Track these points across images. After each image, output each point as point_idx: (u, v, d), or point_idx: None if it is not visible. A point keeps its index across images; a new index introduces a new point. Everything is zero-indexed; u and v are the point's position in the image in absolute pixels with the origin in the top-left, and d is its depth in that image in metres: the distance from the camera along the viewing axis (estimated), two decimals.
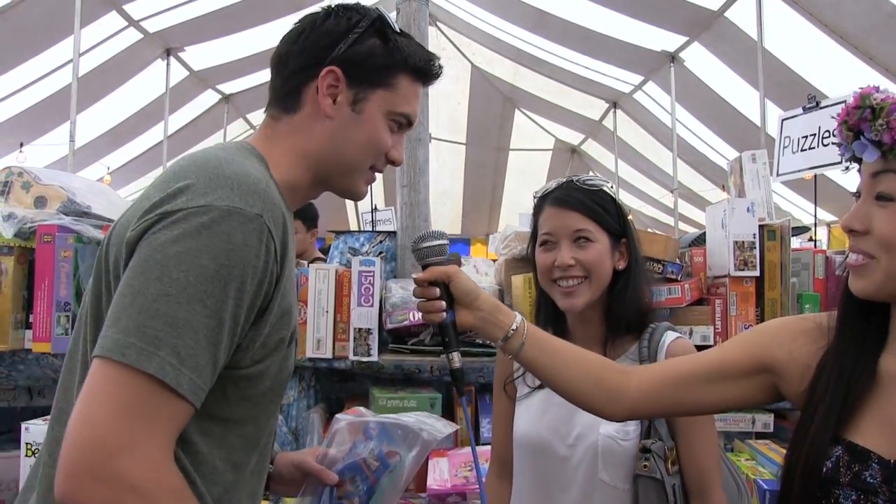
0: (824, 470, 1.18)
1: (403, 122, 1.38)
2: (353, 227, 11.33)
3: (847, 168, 1.24)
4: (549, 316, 1.76)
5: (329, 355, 2.36)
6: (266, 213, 1.12)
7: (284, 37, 1.35)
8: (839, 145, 1.22)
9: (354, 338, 2.35)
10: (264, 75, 1.93)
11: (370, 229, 4.19)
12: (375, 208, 5.98)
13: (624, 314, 1.68)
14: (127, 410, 1.01)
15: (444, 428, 1.61)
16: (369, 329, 2.35)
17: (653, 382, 1.38)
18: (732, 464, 1.79)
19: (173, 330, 1.03)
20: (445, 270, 1.42)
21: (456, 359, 1.44)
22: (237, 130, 11.44)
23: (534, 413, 1.71)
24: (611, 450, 1.59)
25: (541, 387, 1.72)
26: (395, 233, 2.78)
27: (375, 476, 1.57)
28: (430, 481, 2.18)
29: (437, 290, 1.42)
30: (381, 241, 2.75)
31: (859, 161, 1.19)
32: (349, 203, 13.49)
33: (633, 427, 1.60)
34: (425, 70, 1.38)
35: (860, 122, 1.16)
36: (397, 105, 1.34)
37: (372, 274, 2.36)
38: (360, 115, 1.31)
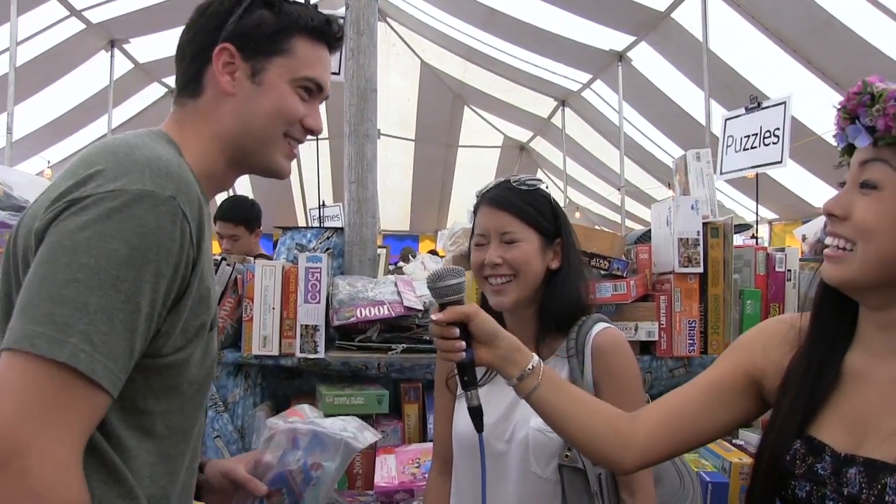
0: (785, 462, 1.22)
1: (313, 88, 1.35)
2: (302, 223, 11.24)
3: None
4: (489, 313, 1.76)
5: (275, 352, 2.34)
6: (180, 195, 1.10)
7: (181, 33, 1.34)
8: (836, 135, 1.22)
9: (301, 335, 2.33)
10: None
11: (318, 226, 4.15)
12: (323, 204, 5.93)
13: (556, 312, 1.70)
14: (38, 404, 0.98)
15: (369, 437, 1.61)
16: (316, 326, 2.33)
17: (656, 424, 1.37)
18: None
19: (84, 316, 0.99)
20: (465, 311, 1.40)
21: (475, 397, 1.42)
22: None
23: None
24: (540, 442, 1.60)
25: (480, 384, 1.72)
26: (342, 229, 2.76)
27: (300, 490, 1.56)
28: (378, 478, 2.17)
29: (457, 330, 1.40)
30: (328, 238, 2.73)
31: (850, 153, 1.20)
32: (297, 199, 13.42)
33: None
34: (322, 30, 1.35)
35: (858, 106, 1.17)
36: (299, 70, 1.32)
37: (319, 270, 2.34)
38: (261, 86, 1.30)
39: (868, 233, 1.14)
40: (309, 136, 1.40)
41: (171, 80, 10.16)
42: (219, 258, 2.44)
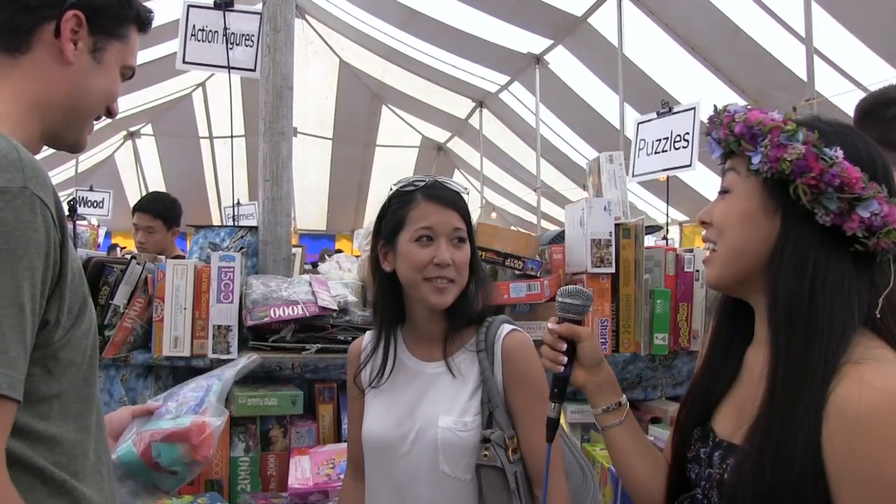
0: (684, 448, 1.35)
1: (128, 75, 1.35)
2: (217, 222, 11.03)
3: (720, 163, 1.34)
4: (392, 310, 1.75)
5: (187, 353, 2.29)
6: (30, 181, 1.04)
7: None
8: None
9: (213, 335, 2.29)
10: None
11: (232, 224, 4.09)
12: (238, 203, 5.84)
13: (468, 312, 1.71)
14: None
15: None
16: (229, 326, 2.29)
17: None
18: (577, 449, 1.85)
19: None
20: (580, 332, 1.46)
21: (556, 410, 1.47)
22: None
23: (377, 412, 1.71)
24: (450, 442, 1.61)
25: (378, 386, 1.72)
26: (257, 228, 2.72)
27: (208, 384, 1.68)
28: (292, 480, 2.15)
29: (565, 344, 1.45)
30: (242, 237, 2.69)
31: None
32: (212, 197, 13.16)
33: (471, 418, 1.63)
34: (148, 23, 1.36)
35: (710, 124, 1.31)
36: (127, 58, 1.32)
37: (232, 270, 2.31)
38: (100, 64, 1.27)
39: (721, 230, 1.27)
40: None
41: None
42: (128, 257, 2.38)
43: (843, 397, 1.05)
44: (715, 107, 1.31)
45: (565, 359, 1.44)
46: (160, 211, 4.20)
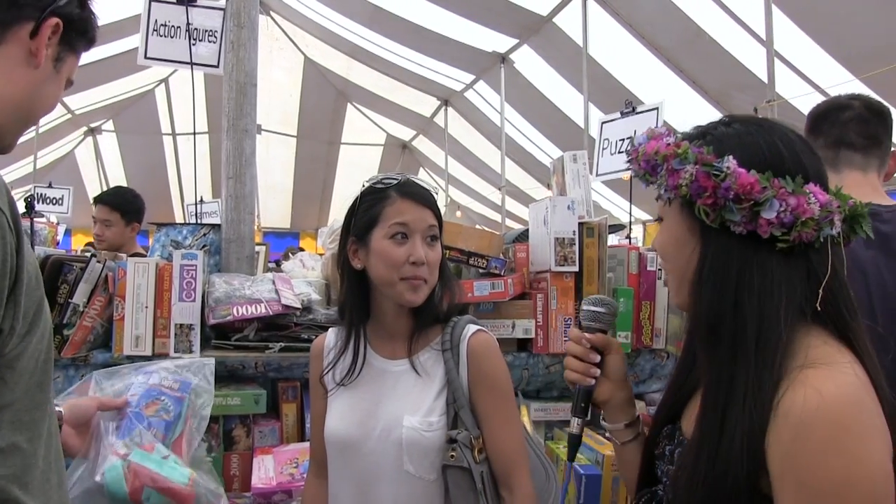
0: (653, 445, 1.37)
1: (67, 87, 1.35)
2: (179, 220, 10.91)
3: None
4: (360, 308, 1.75)
5: (148, 352, 2.26)
6: None
7: None
8: None
9: (176, 334, 2.26)
10: None
11: (195, 222, 4.05)
12: (201, 200, 5.78)
13: (434, 311, 1.71)
14: None
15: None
16: (191, 325, 2.27)
17: None
18: (540, 449, 1.86)
19: None
20: (612, 342, 1.45)
21: (580, 426, 1.46)
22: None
23: (341, 410, 1.71)
24: (415, 442, 1.61)
25: (343, 384, 1.72)
26: (219, 226, 2.70)
27: (181, 392, 1.60)
28: (255, 480, 2.14)
29: (599, 356, 1.43)
30: (204, 235, 2.66)
31: None
32: (175, 195, 13.03)
33: (436, 418, 1.63)
34: (93, 43, 1.36)
35: (627, 153, 1.33)
36: (73, 72, 1.32)
37: (194, 268, 2.28)
38: (59, 74, 1.27)
39: (663, 258, 1.30)
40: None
41: None
42: (88, 254, 2.35)
43: (789, 401, 1.05)
44: (631, 140, 1.35)
45: (598, 371, 1.43)
46: (118, 204, 4.14)
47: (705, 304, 1.18)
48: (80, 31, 1.28)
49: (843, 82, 6.57)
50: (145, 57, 3.13)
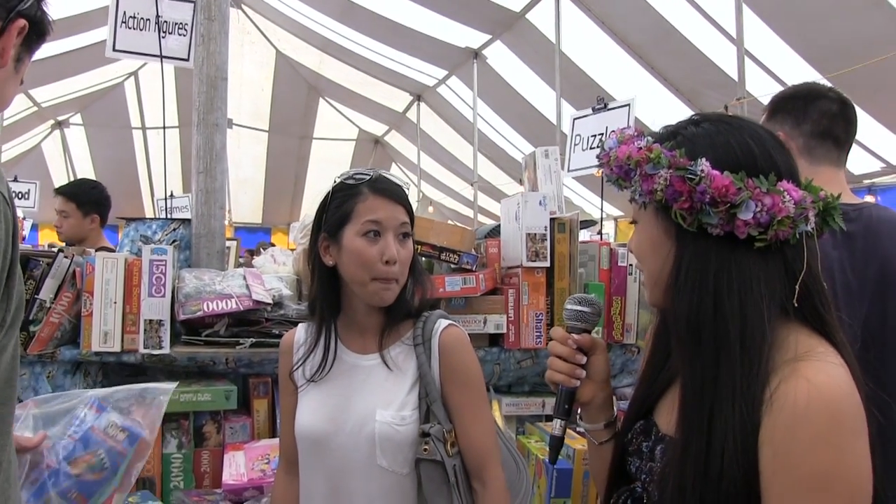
0: (626, 442, 1.36)
1: None
2: (149, 214, 10.80)
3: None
4: (331, 304, 1.74)
5: (117, 349, 2.24)
6: None
7: None
8: None
9: (145, 330, 2.24)
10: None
11: (165, 217, 4.00)
12: (172, 195, 5.72)
13: (406, 307, 1.71)
14: None
15: (164, 385, 1.60)
16: (161, 321, 2.25)
17: None
18: (511, 444, 1.87)
19: None
20: (599, 343, 1.43)
21: (562, 428, 1.42)
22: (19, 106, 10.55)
23: (312, 406, 1.70)
24: (388, 436, 1.60)
25: (314, 379, 1.71)
26: (189, 220, 2.67)
27: (124, 445, 1.49)
28: (226, 476, 2.13)
29: (585, 357, 1.41)
30: (175, 230, 2.64)
31: None
32: (145, 190, 12.91)
33: (409, 412, 1.63)
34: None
35: (598, 158, 1.32)
36: (24, 74, 1.32)
37: (164, 263, 2.26)
38: (17, 73, 1.27)
39: (639, 260, 1.30)
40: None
41: None
42: (56, 250, 2.32)
43: (783, 393, 1.06)
44: (598, 139, 1.34)
45: (584, 373, 1.41)
46: (74, 194, 4.06)
47: (684, 307, 1.17)
48: (39, 32, 1.27)
49: (810, 80, 6.65)
50: (114, 49, 3.09)
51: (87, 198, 4.07)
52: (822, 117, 2.02)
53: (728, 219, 1.13)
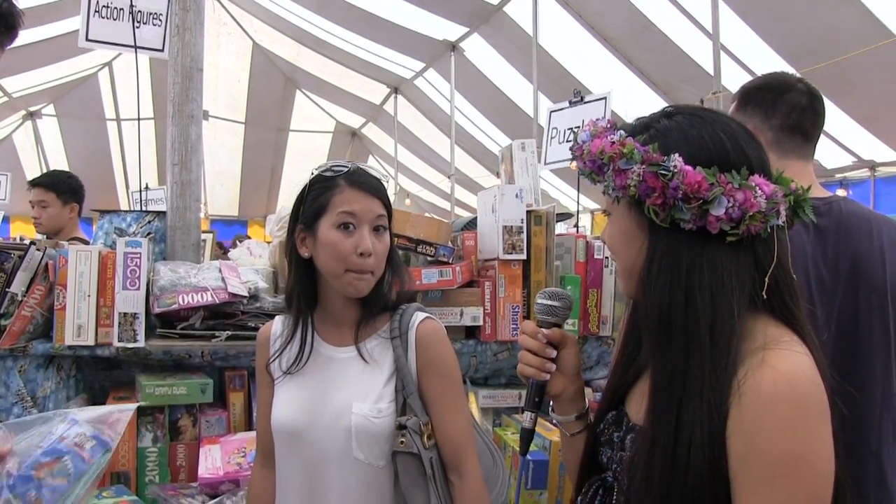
0: (598, 432, 1.37)
1: None
2: (124, 206, 10.71)
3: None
4: (308, 296, 1.73)
5: (91, 342, 2.21)
6: None
7: None
8: None
9: (119, 323, 2.22)
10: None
11: (140, 209, 3.97)
12: (147, 187, 5.68)
13: (382, 300, 1.71)
14: None
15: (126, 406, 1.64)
16: (135, 314, 2.23)
17: None
18: (488, 436, 1.87)
19: None
20: (569, 337, 1.44)
21: (533, 420, 1.45)
22: None
23: (288, 398, 1.70)
24: (364, 428, 1.60)
25: (290, 372, 1.71)
26: (165, 213, 2.65)
27: (91, 454, 1.48)
28: (202, 470, 2.11)
29: (555, 351, 1.42)
30: (149, 222, 2.61)
31: None
32: (119, 182, 12.77)
33: (386, 405, 1.63)
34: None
35: (571, 150, 1.32)
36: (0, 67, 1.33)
37: (139, 256, 2.24)
38: None
39: (612, 250, 1.31)
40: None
41: None
42: (28, 242, 2.29)
43: (752, 382, 1.08)
44: (574, 133, 1.33)
45: (553, 367, 1.43)
46: (52, 184, 4.07)
47: (656, 300, 1.18)
48: (9, 25, 1.28)
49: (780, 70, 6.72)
50: (87, 39, 3.05)
51: (65, 186, 4.09)
52: (791, 111, 2.02)
53: (700, 214, 1.14)
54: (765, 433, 1.07)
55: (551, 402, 1.53)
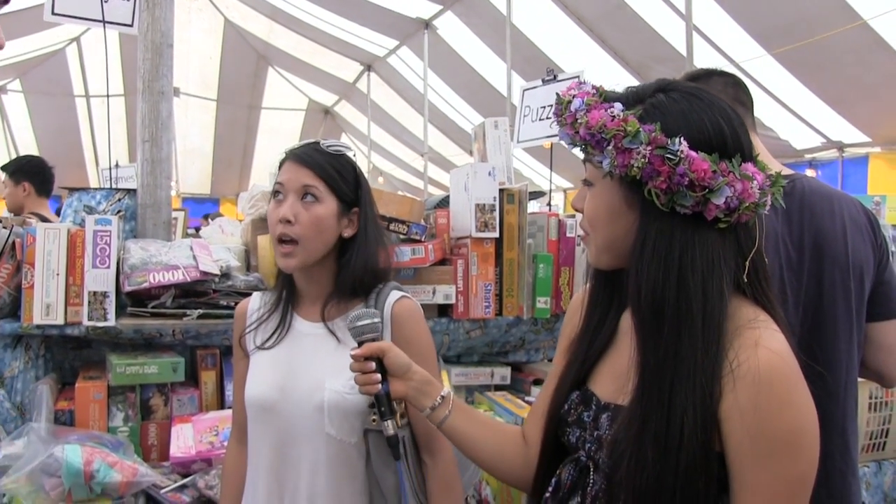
0: (562, 412, 1.36)
1: None
2: (94, 184, 10.57)
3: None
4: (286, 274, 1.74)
5: (60, 321, 2.19)
6: None
7: None
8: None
9: (89, 302, 2.20)
10: None
11: (110, 187, 3.92)
12: (117, 164, 5.59)
13: (350, 279, 1.70)
14: None
15: None
16: (105, 292, 2.21)
17: (536, 425, 1.45)
18: None
19: None
20: (380, 346, 1.46)
21: (390, 427, 1.48)
22: None
23: (261, 372, 1.70)
24: (336, 404, 1.61)
25: (264, 346, 1.71)
26: (135, 191, 2.62)
27: None
28: (174, 449, 2.11)
29: (373, 364, 1.45)
30: (119, 200, 2.59)
31: None
32: (89, 159, 12.60)
33: None
34: None
35: (556, 115, 1.29)
36: None
37: (108, 234, 2.22)
38: None
39: (592, 224, 1.29)
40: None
41: None
42: None
43: (747, 363, 1.10)
44: (558, 95, 1.28)
45: (379, 377, 1.46)
46: (5, 166, 4.26)
47: (649, 283, 1.17)
48: None
49: (756, 56, 6.78)
50: (53, 13, 2.99)
51: (13, 167, 4.24)
52: (725, 87, 2.05)
53: (701, 202, 1.14)
54: (763, 413, 1.09)
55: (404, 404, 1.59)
